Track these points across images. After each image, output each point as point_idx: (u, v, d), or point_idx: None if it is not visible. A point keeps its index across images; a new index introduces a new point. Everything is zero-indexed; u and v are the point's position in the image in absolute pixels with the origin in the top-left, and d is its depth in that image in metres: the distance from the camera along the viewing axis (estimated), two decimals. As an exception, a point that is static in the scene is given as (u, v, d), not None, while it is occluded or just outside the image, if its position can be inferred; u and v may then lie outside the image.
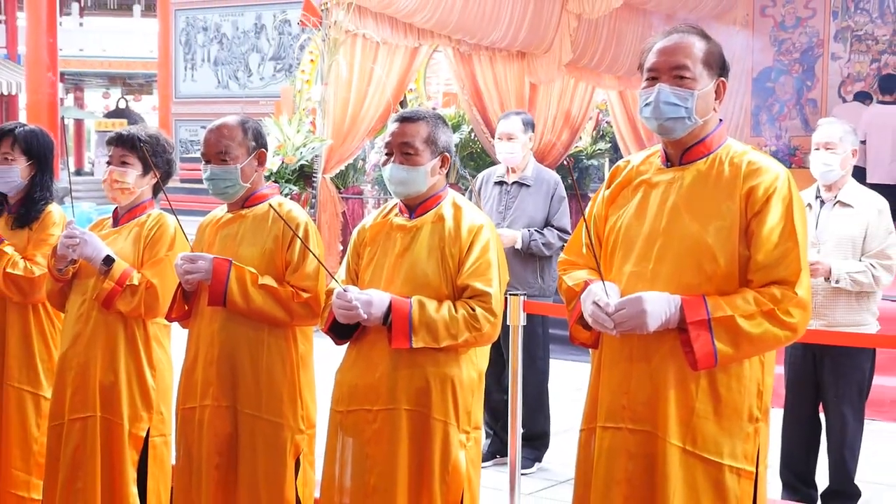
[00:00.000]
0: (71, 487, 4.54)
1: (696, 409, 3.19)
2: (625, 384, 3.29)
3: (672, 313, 3.14)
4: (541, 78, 13.50)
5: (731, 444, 3.20)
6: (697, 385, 3.19)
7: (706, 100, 3.26)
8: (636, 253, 3.31)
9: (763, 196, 3.17)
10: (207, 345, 4.21)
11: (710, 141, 3.30)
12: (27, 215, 4.93)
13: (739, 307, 3.11)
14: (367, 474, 3.81)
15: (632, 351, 3.27)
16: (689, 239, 3.22)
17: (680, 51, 3.25)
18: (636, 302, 3.14)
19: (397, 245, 3.88)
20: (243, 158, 4.23)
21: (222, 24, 16.66)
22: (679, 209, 3.26)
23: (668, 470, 3.19)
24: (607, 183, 3.50)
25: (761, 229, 3.15)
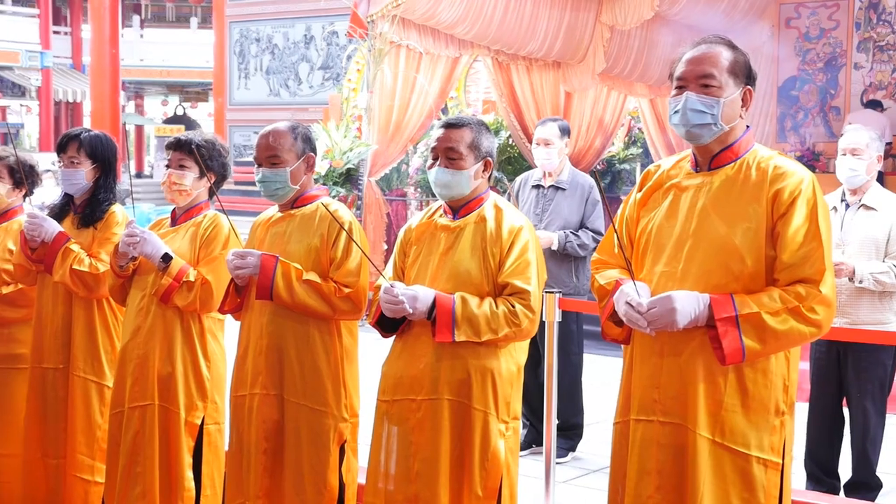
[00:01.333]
0: (131, 471, 4.56)
1: (725, 403, 3.18)
2: (656, 379, 3.28)
3: (701, 311, 3.13)
4: (575, 86, 13.47)
5: (759, 437, 3.18)
6: (725, 379, 3.18)
7: (732, 107, 3.25)
8: (666, 254, 3.30)
9: (788, 199, 3.16)
10: (257, 336, 4.22)
11: (737, 146, 3.29)
12: (92, 215, 4.95)
13: (766, 304, 3.09)
14: (411, 460, 3.81)
15: (662, 347, 3.26)
16: (717, 240, 3.21)
17: (706, 60, 3.25)
18: (666, 301, 3.14)
19: (441, 244, 3.89)
20: (293, 162, 4.24)
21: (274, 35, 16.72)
22: (708, 212, 3.25)
23: (698, 460, 3.18)
24: (639, 186, 3.49)
25: (787, 230, 3.14)
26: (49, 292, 4.98)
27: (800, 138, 14.81)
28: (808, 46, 14.76)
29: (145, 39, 39.12)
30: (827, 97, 14.68)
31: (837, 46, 14.61)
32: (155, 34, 39.74)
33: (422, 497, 3.79)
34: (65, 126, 37.22)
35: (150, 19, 41.20)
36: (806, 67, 14.79)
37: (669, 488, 3.23)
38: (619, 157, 15.49)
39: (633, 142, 15.84)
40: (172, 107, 42.76)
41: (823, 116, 14.73)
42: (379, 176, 11.56)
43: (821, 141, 14.60)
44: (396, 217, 11.79)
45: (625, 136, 15.70)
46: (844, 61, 14.54)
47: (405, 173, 12.49)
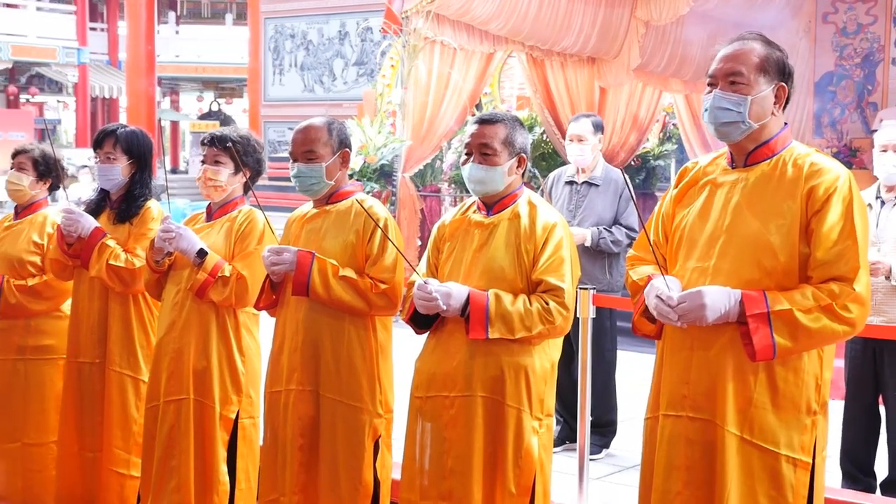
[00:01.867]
0: (166, 465, 4.59)
1: (754, 400, 3.17)
2: (685, 374, 3.28)
3: (731, 307, 3.12)
4: (610, 82, 13.42)
5: (788, 435, 3.17)
6: (756, 377, 3.17)
7: (762, 104, 3.23)
8: (699, 249, 3.29)
9: (823, 195, 3.14)
10: (293, 332, 4.24)
11: (774, 143, 3.28)
12: (128, 211, 4.98)
13: (798, 302, 3.08)
14: (445, 457, 3.82)
15: (692, 342, 3.26)
16: (750, 236, 3.20)
17: (736, 58, 3.24)
18: (696, 296, 3.13)
19: (475, 241, 3.89)
20: (328, 157, 4.24)
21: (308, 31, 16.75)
22: (742, 208, 3.24)
23: (726, 457, 3.17)
24: (675, 182, 3.49)
25: (821, 227, 3.12)
26: (85, 287, 5.02)
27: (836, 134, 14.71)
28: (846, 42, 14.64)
29: (181, 36, 39.30)
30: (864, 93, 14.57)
31: (875, 42, 14.49)
32: (190, 30, 39.92)
33: (455, 493, 3.79)
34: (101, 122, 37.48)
35: (186, 16, 41.39)
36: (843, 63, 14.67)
37: (698, 484, 3.22)
38: (653, 154, 15.41)
39: (668, 138, 15.75)
40: (207, 103, 42.93)
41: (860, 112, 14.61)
42: (413, 172, 11.56)
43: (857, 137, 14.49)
44: (430, 213, 11.79)
45: (659, 133, 15.61)
46: (882, 56, 14.42)
47: (439, 169, 12.47)
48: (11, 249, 5.28)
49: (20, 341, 5.27)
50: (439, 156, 12.28)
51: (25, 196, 5.35)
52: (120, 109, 38.21)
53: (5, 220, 5.48)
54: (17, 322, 5.26)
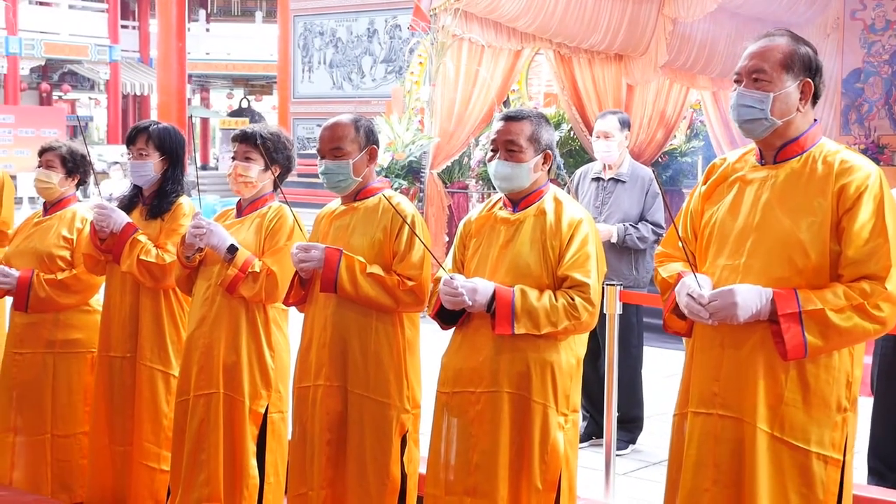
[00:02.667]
0: (196, 459, 4.61)
1: (785, 398, 3.15)
2: (715, 371, 3.26)
3: (763, 305, 3.11)
4: (637, 79, 13.39)
5: (819, 433, 3.15)
6: (787, 374, 3.15)
7: (785, 101, 3.21)
8: (729, 247, 3.28)
9: (854, 193, 3.12)
10: (321, 328, 4.24)
11: (804, 140, 3.25)
12: (159, 207, 5.00)
13: (830, 301, 3.06)
14: (471, 452, 3.82)
15: (723, 339, 3.25)
16: (781, 234, 3.18)
17: (760, 55, 3.23)
18: (728, 294, 3.12)
19: (501, 237, 3.88)
20: (356, 154, 4.25)
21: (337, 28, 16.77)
22: (772, 205, 3.22)
23: (756, 455, 3.16)
24: (704, 179, 3.47)
25: (852, 226, 3.10)
26: (117, 282, 5.05)
27: (864, 131, 14.63)
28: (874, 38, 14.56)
29: (211, 33, 39.47)
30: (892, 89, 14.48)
31: (904, 38, 14.41)
32: (220, 28, 40.08)
33: (481, 489, 3.79)
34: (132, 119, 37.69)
35: (216, 13, 41.55)
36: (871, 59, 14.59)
37: (726, 482, 3.21)
38: (680, 150, 15.36)
39: (695, 134, 15.70)
40: (237, 100, 43.08)
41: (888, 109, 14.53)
42: (441, 168, 11.57)
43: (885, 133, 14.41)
44: (458, 209, 11.79)
45: (687, 129, 15.57)
46: (911, 53, 14.35)
47: (467, 166, 12.48)
48: (41, 244, 5.31)
49: (49, 335, 5.30)
50: (467, 152, 12.28)
51: (55, 193, 5.39)
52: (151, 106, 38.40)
53: (34, 216, 5.51)
54: (46, 316, 5.29)
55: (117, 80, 36.74)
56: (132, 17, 39.66)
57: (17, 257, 5.35)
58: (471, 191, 12.49)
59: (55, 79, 38.08)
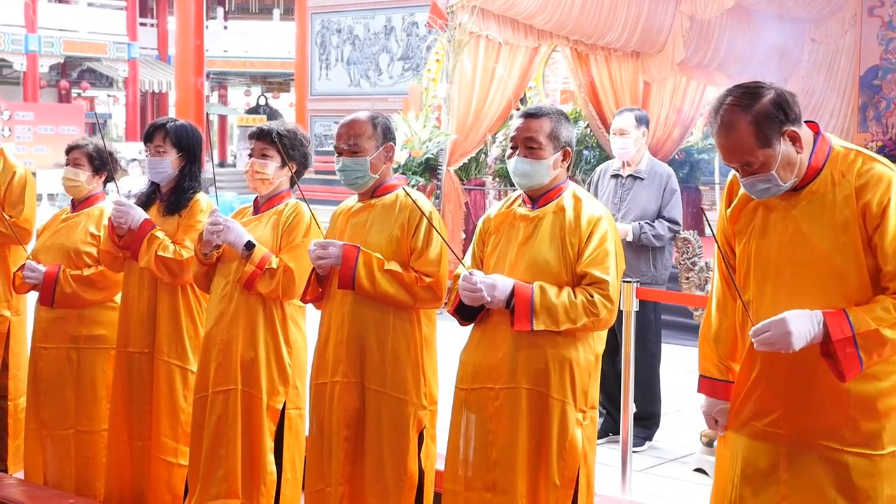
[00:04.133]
0: (214, 454, 4.61)
1: (851, 413, 3.13)
2: (770, 391, 3.26)
3: (817, 331, 3.07)
4: (654, 76, 13.36)
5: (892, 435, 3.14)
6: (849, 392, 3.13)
7: (782, 163, 3.12)
8: (771, 278, 3.24)
9: (878, 210, 3.09)
10: (338, 325, 4.24)
11: (815, 161, 3.19)
12: (177, 203, 5.01)
13: (882, 318, 3.04)
14: (489, 448, 3.82)
15: (785, 362, 3.21)
16: (816, 263, 3.15)
17: (738, 152, 3.12)
18: (781, 324, 3.08)
19: (520, 234, 3.88)
20: (373, 151, 4.24)
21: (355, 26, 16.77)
22: (802, 233, 3.18)
23: (825, 471, 3.17)
24: (726, 198, 3.40)
25: (884, 241, 3.08)
26: (135, 278, 5.05)
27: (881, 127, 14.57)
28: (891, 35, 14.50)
29: (229, 31, 39.52)
30: (910, 86, 14.43)
31: (921, 35, 14.36)
32: (238, 25, 40.12)
33: (499, 484, 3.78)
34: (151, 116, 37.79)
35: (234, 11, 41.60)
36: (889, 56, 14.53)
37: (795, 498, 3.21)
38: (697, 148, 15.35)
39: (713, 132, 15.63)
40: (255, 97, 43.12)
41: (906, 106, 14.48)
42: (458, 165, 11.56)
43: (903, 130, 14.35)
44: (475, 206, 11.78)
45: (703, 126, 15.54)
46: (928, 50, 14.28)
47: (484, 163, 12.47)
48: (68, 240, 5.33)
49: (73, 330, 5.32)
50: (484, 150, 12.27)
51: (83, 191, 5.40)
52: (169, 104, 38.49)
53: (62, 212, 5.54)
54: (71, 312, 5.31)
55: (136, 77, 36.83)
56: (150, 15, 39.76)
57: (45, 253, 5.37)
58: (488, 188, 12.48)
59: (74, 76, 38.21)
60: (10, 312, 5.87)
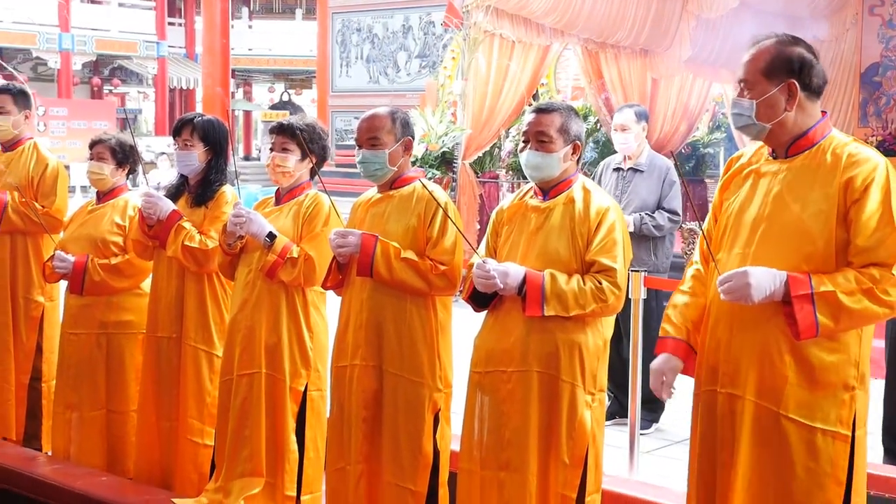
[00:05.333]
0: (239, 435, 4.63)
1: (790, 378, 3.16)
2: (724, 352, 3.28)
3: (777, 287, 3.11)
4: (662, 73, 13.32)
5: (825, 410, 3.15)
6: (792, 356, 3.16)
7: (769, 105, 3.23)
8: (742, 236, 3.30)
9: (861, 185, 3.12)
10: (357, 311, 4.25)
11: (812, 135, 3.26)
12: (203, 195, 5.02)
13: (841, 284, 3.07)
14: (502, 429, 3.82)
15: (732, 321, 3.27)
16: (789, 223, 3.19)
17: (744, 65, 3.28)
18: (742, 275, 3.13)
19: (532, 224, 3.88)
20: (391, 145, 4.25)
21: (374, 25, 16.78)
22: (782, 196, 3.24)
23: (758, 430, 3.19)
24: (724, 172, 3.50)
25: (860, 216, 3.10)
26: (164, 267, 5.07)
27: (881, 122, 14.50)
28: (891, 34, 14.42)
29: (254, 30, 39.53)
30: (909, 83, 14.35)
31: (920, 34, 14.28)
32: (263, 25, 40.13)
33: (512, 463, 3.80)
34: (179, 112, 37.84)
35: (259, 11, 41.62)
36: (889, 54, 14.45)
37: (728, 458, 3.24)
38: (703, 142, 15.32)
39: (717, 127, 15.65)
40: (278, 93, 43.13)
41: (905, 101, 14.40)
42: (472, 159, 11.56)
43: (903, 126, 14.27)
44: (489, 198, 11.78)
45: (709, 122, 15.51)
46: (927, 48, 14.21)
47: (497, 157, 12.47)
48: (95, 231, 5.36)
49: (102, 317, 5.34)
50: (497, 144, 12.27)
51: (107, 183, 5.42)
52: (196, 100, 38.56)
53: (88, 204, 5.56)
54: (100, 299, 5.33)
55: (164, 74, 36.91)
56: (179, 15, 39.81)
57: (73, 243, 5.40)
58: (501, 180, 12.48)
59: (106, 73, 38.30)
60: (43, 298, 5.90)
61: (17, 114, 5.88)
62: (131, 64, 37.52)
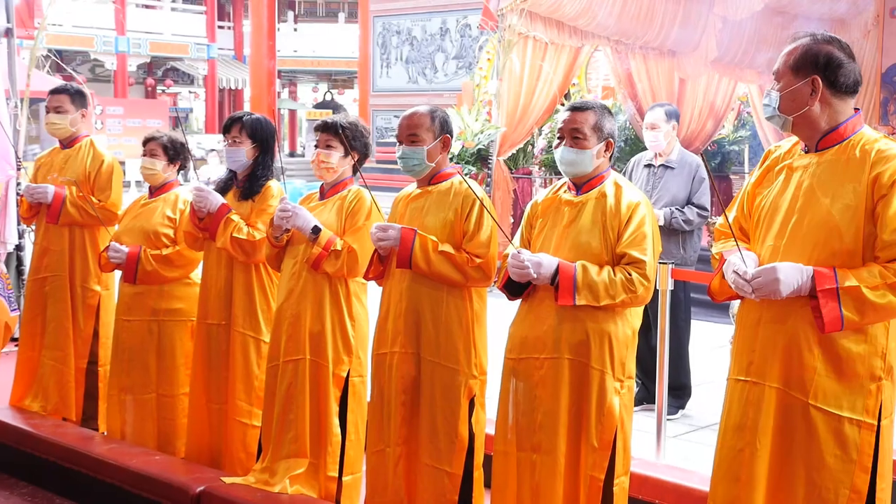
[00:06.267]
0: (285, 418, 4.65)
1: (818, 369, 3.13)
2: (752, 343, 3.26)
3: (804, 282, 3.08)
4: (689, 73, 13.24)
5: (852, 400, 3.12)
6: (821, 348, 3.13)
7: (792, 96, 3.21)
8: (774, 229, 3.26)
9: (888, 181, 3.07)
10: (397, 300, 4.25)
11: (843, 129, 3.22)
12: (251, 189, 5.03)
13: (865, 279, 3.03)
14: (535, 413, 3.82)
15: (761, 315, 3.24)
16: (818, 217, 3.15)
17: (779, 59, 3.26)
18: (770, 271, 3.11)
19: (565, 217, 3.87)
20: (430, 141, 4.24)
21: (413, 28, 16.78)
22: (813, 190, 3.20)
23: (788, 420, 3.15)
24: (760, 164, 3.47)
25: (887, 212, 3.06)
26: (214, 257, 5.09)
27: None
28: (911, 35, 14.27)
29: (298, 33, 39.67)
30: (928, 83, 14.19)
31: (939, 35, 14.10)
32: (307, 28, 40.26)
33: (544, 446, 3.79)
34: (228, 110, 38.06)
35: (303, 15, 41.75)
36: (908, 54, 14.30)
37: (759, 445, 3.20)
38: (728, 139, 15.24)
39: (742, 125, 15.57)
40: (322, 93, 43.26)
41: (924, 100, 14.24)
42: (507, 156, 11.53)
43: (921, 123, 14.13)
44: (522, 193, 11.76)
45: (734, 120, 15.43)
46: (946, 49, 14.03)
47: (531, 153, 12.43)
48: (147, 224, 5.39)
49: (154, 304, 5.38)
50: (531, 141, 12.23)
51: (159, 178, 5.46)
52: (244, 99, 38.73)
53: (141, 198, 5.59)
54: (152, 287, 5.37)
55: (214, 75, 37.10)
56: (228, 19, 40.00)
57: (126, 235, 5.44)
58: (534, 176, 12.45)
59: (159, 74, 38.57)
60: (99, 287, 5.94)
61: (74, 112, 5.91)
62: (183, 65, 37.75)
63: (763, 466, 3.20)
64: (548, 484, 3.78)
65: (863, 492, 3.12)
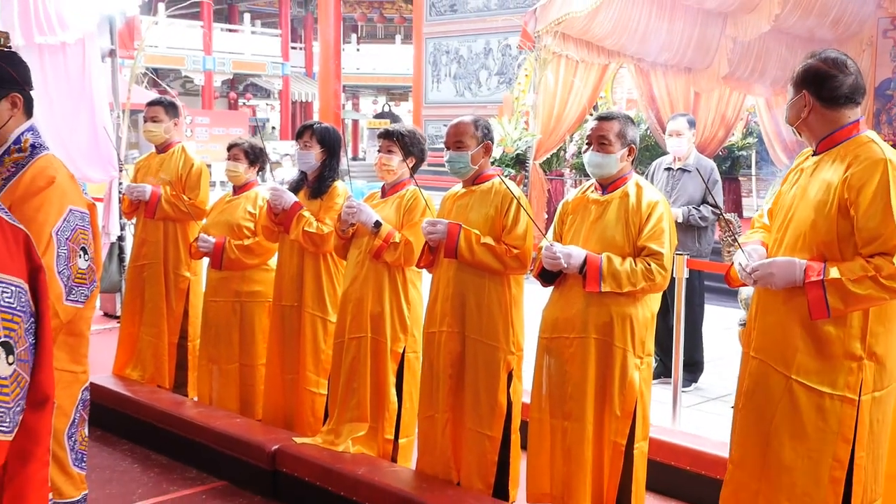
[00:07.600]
0: (349, 387, 4.68)
1: (799, 347, 3.12)
2: (755, 321, 3.29)
3: (798, 274, 3.08)
4: (703, 88, 13.13)
5: (833, 377, 3.09)
6: (803, 328, 3.11)
7: (792, 108, 3.24)
8: (777, 222, 3.29)
9: (857, 184, 3.02)
10: (445, 286, 4.25)
11: (836, 135, 3.17)
12: (319, 189, 5.06)
13: (849, 272, 3.00)
14: (565, 385, 3.82)
15: (759, 300, 3.29)
16: (804, 212, 3.15)
17: (793, 75, 3.26)
18: (767, 266, 3.14)
19: (592, 214, 3.86)
20: (474, 147, 4.23)
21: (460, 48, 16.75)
22: (805, 188, 3.19)
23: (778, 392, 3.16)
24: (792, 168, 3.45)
25: (860, 211, 3.01)
26: (287, 247, 5.14)
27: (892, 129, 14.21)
28: (902, 52, 14.07)
29: (361, 52, 39.75)
30: (917, 95, 13.98)
31: (927, 53, 13.89)
32: (368, 48, 40.34)
33: (573, 414, 3.79)
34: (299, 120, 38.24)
35: (365, 37, 41.85)
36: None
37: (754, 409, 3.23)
38: (737, 146, 15.14)
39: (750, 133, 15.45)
40: (381, 105, 43.34)
41: (914, 111, 14.03)
42: (542, 160, 11.49)
43: (911, 132, 13.92)
44: (555, 193, 11.72)
45: (743, 128, 15.30)
46: (934, 65, 13.80)
47: (563, 158, 12.39)
48: (231, 217, 5.44)
49: (236, 287, 5.43)
50: (563, 147, 12.19)
51: (241, 179, 5.50)
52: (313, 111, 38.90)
53: (226, 196, 5.64)
54: (235, 273, 5.42)
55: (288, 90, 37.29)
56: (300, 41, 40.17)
57: (213, 227, 5.49)
58: (566, 178, 12.40)
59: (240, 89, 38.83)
60: (189, 273, 6.00)
61: (167, 122, 5.97)
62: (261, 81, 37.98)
63: (762, 434, 3.19)
64: (577, 447, 3.78)
65: (844, 460, 3.09)
